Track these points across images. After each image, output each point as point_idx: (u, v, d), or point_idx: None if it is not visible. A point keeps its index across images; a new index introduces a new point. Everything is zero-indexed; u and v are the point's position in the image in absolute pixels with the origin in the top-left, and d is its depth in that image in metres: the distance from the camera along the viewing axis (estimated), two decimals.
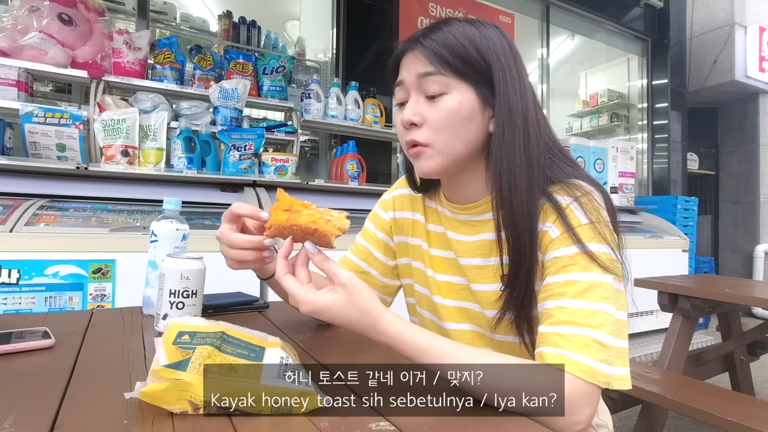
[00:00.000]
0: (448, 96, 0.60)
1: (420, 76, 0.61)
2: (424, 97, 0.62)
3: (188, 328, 0.48)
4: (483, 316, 0.66)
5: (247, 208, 0.62)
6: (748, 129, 4.98)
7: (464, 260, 0.68)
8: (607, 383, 0.50)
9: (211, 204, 1.87)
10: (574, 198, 0.58)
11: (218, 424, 0.40)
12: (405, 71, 0.63)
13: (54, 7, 1.87)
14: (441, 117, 0.60)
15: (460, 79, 0.60)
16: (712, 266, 3.96)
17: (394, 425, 0.41)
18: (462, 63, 0.60)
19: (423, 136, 0.61)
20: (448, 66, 0.59)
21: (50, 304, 1.36)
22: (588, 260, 0.54)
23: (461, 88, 0.60)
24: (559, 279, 0.55)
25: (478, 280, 0.67)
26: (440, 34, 0.61)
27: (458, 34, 0.61)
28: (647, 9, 4.47)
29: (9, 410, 0.41)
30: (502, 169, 0.59)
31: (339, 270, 0.53)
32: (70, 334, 0.66)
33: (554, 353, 0.51)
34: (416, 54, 0.62)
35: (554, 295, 0.54)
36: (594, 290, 0.53)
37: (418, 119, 0.61)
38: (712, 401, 1.32)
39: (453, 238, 0.70)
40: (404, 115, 0.62)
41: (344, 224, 0.55)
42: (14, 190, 1.60)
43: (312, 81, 2.53)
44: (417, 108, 0.61)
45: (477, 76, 0.60)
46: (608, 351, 0.51)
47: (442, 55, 0.59)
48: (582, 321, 0.51)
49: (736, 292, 1.59)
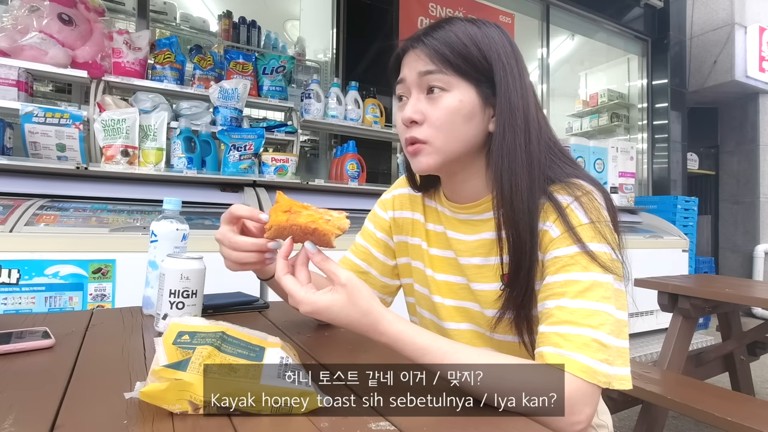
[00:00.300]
0: (449, 94, 0.60)
1: (421, 74, 0.61)
2: (425, 95, 0.62)
3: (188, 328, 0.48)
4: (483, 316, 0.66)
5: (247, 210, 0.62)
6: (748, 129, 4.98)
7: (464, 259, 0.68)
8: (608, 383, 0.50)
9: (211, 204, 1.87)
10: (575, 197, 0.58)
11: (218, 424, 0.40)
12: (406, 69, 0.63)
13: (54, 7, 1.87)
14: (441, 115, 0.60)
15: (461, 78, 0.60)
16: (712, 266, 3.96)
17: (394, 425, 0.41)
18: (463, 62, 0.60)
19: (422, 133, 0.61)
20: (449, 64, 0.60)
21: (50, 304, 1.36)
22: (588, 260, 0.54)
23: (462, 87, 0.60)
24: (560, 278, 0.55)
25: (478, 280, 0.67)
26: (442, 32, 0.61)
27: (460, 33, 0.61)
28: (647, 9, 4.47)
29: (9, 410, 0.41)
30: (503, 168, 0.59)
31: (339, 270, 0.53)
32: (70, 334, 0.66)
33: (554, 353, 0.51)
34: (418, 52, 0.62)
35: (554, 295, 0.54)
36: (594, 290, 0.53)
37: (418, 117, 0.61)
38: (712, 401, 1.32)
39: (453, 237, 0.70)
40: (405, 113, 0.62)
41: (344, 224, 0.55)
42: (14, 190, 1.60)
43: (312, 81, 2.53)
44: (418, 106, 0.62)
45: (478, 75, 0.61)
46: (608, 351, 0.51)
47: (444, 53, 0.60)
48: (582, 321, 0.51)
49: (736, 292, 1.59)
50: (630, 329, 0.55)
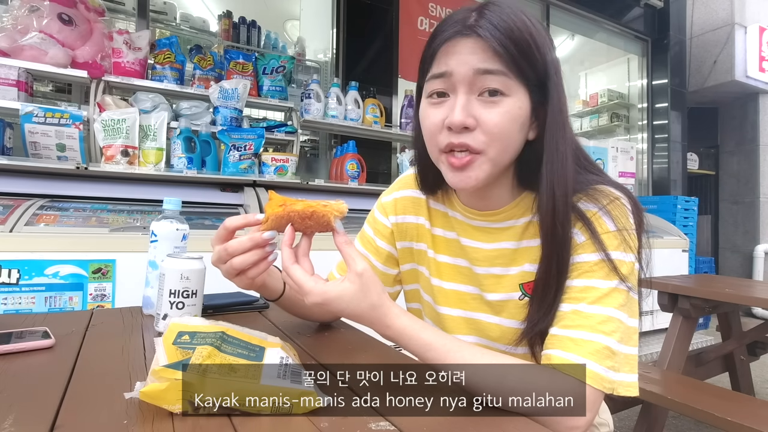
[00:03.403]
0: (510, 99, 0.53)
1: (479, 71, 0.52)
2: (476, 96, 0.53)
3: (188, 328, 0.48)
4: (496, 327, 0.64)
5: (241, 218, 0.58)
6: (748, 129, 4.98)
7: (481, 269, 0.65)
8: (612, 389, 0.50)
9: (211, 204, 1.87)
10: (603, 205, 0.56)
11: (218, 424, 0.40)
12: (454, 61, 0.53)
13: (54, 7, 1.87)
14: (501, 122, 0.53)
15: (520, 82, 0.53)
16: (712, 266, 3.95)
17: (394, 425, 0.41)
18: (526, 62, 0.52)
19: (476, 141, 0.53)
20: (514, 64, 0.52)
21: (50, 304, 1.36)
22: (610, 268, 0.53)
23: (521, 92, 0.54)
24: (580, 284, 0.54)
25: (495, 290, 0.64)
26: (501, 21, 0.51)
27: (520, 24, 0.52)
28: (647, 9, 4.47)
29: (9, 410, 0.41)
30: (556, 182, 0.54)
31: (357, 258, 0.51)
32: (70, 334, 0.66)
33: (563, 356, 0.51)
34: (473, 43, 0.52)
35: (572, 299, 0.54)
36: (612, 297, 0.52)
37: (472, 122, 0.53)
38: (712, 401, 1.32)
39: (468, 245, 0.66)
40: (456, 116, 0.53)
41: (343, 207, 0.54)
42: (14, 190, 1.60)
43: (312, 81, 2.53)
44: (470, 108, 0.53)
45: (535, 79, 0.54)
46: (616, 358, 0.51)
47: (510, 50, 0.51)
48: (596, 327, 0.51)
49: (736, 292, 1.59)
50: None
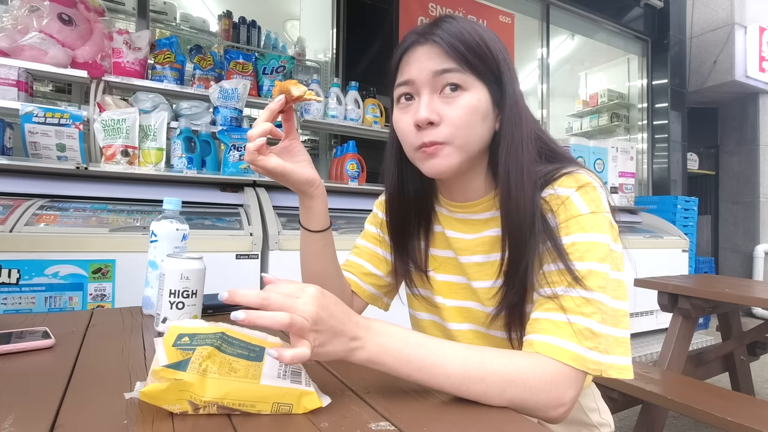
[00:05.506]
0: (468, 93, 0.58)
1: (436, 73, 0.58)
2: (438, 94, 0.59)
3: (188, 331, 0.48)
4: (483, 314, 0.66)
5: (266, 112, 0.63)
6: (748, 129, 4.98)
7: (464, 258, 0.68)
8: (599, 371, 0.51)
9: (211, 204, 1.87)
10: (573, 189, 0.58)
11: (218, 424, 0.40)
12: (415, 68, 0.60)
13: (54, 7, 1.87)
14: (461, 114, 0.58)
15: (476, 77, 0.59)
16: (712, 266, 3.96)
17: (394, 425, 0.41)
18: (479, 60, 0.58)
19: (441, 134, 0.59)
20: (466, 63, 0.58)
21: (50, 304, 1.36)
22: (585, 249, 0.54)
23: (478, 86, 0.59)
24: (556, 267, 0.55)
25: (479, 278, 0.67)
26: (452, 28, 0.58)
27: (470, 29, 0.59)
28: (647, 9, 4.47)
29: (9, 410, 0.41)
30: (510, 167, 0.59)
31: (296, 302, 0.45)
32: (70, 334, 0.66)
33: (543, 341, 0.52)
34: (428, 49, 0.59)
35: (550, 283, 0.55)
36: (590, 279, 0.53)
37: (436, 117, 0.58)
38: (712, 401, 1.32)
39: (452, 236, 0.70)
40: (420, 114, 0.58)
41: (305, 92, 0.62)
42: (14, 190, 1.60)
43: (312, 81, 2.53)
44: (433, 106, 0.59)
45: (490, 75, 0.60)
46: (598, 339, 0.51)
47: (460, 50, 0.57)
48: (575, 309, 0.52)
49: (736, 292, 1.59)
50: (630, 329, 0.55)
